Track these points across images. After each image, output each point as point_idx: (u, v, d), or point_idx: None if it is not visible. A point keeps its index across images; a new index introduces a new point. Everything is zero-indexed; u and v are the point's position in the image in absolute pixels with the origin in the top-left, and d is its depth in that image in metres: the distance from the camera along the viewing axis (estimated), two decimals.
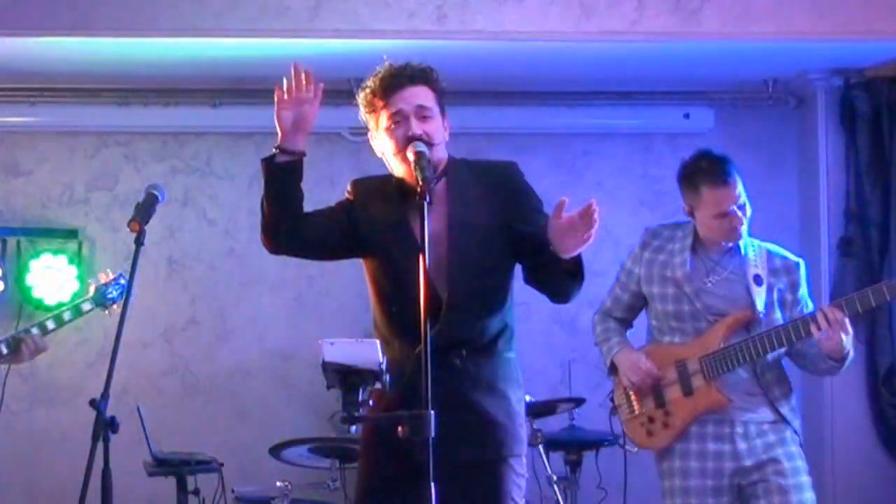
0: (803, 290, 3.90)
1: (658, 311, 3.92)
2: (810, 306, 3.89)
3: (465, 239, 3.07)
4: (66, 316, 3.94)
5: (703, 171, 3.86)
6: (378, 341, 2.84)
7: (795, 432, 3.82)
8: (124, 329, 3.06)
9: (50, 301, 5.37)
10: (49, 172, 5.66)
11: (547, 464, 4.65)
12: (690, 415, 3.82)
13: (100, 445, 2.93)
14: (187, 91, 5.56)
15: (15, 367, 4.20)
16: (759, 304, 3.79)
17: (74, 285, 5.40)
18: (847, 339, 3.67)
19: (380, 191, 3.18)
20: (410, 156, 2.98)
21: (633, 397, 3.96)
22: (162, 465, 4.60)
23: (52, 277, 5.41)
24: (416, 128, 3.05)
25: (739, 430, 3.79)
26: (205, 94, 5.58)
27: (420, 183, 2.87)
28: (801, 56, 5.31)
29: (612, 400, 4.09)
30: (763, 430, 3.79)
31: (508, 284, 3.17)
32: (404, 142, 3.04)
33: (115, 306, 3.96)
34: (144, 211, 3.18)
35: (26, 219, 5.59)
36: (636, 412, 3.96)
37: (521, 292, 3.38)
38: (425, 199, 2.84)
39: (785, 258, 3.91)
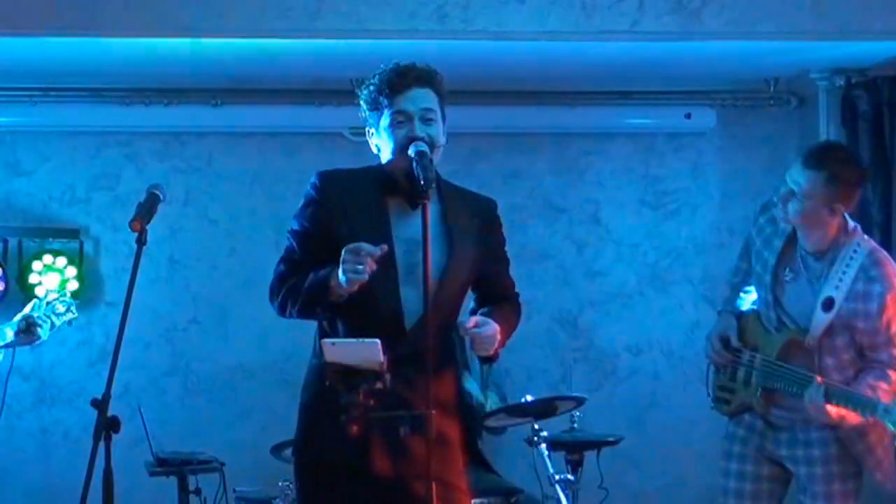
0: (878, 323, 3.57)
1: (755, 286, 3.87)
2: (884, 341, 3.61)
3: (459, 248, 3.09)
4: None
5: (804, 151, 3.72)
6: (379, 341, 2.83)
7: (836, 434, 3.69)
8: (126, 329, 3.06)
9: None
10: (50, 172, 5.66)
11: (548, 464, 4.65)
12: (740, 405, 3.83)
13: (101, 445, 2.93)
14: (189, 91, 5.57)
15: (17, 367, 4.25)
16: (814, 333, 3.62)
17: (76, 285, 5.40)
18: (827, 421, 3.57)
19: (355, 188, 3.13)
20: (412, 154, 2.98)
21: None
22: (163, 465, 4.60)
23: (53, 277, 5.41)
24: (419, 130, 3.04)
25: (785, 415, 3.74)
26: (206, 94, 5.58)
27: (421, 182, 2.87)
28: (802, 56, 5.31)
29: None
30: (808, 428, 3.72)
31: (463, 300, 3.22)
32: (406, 141, 3.03)
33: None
34: (146, 210, 3.18)
35: (27, 218, 5.59)
36: (720, 374, 3.94)
37: (523, 292, 3.39)
38: (427, 199, 2.84)
39: (870, 283, 3.59)
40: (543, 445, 4.62)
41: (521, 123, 5.76)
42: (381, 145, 3.12)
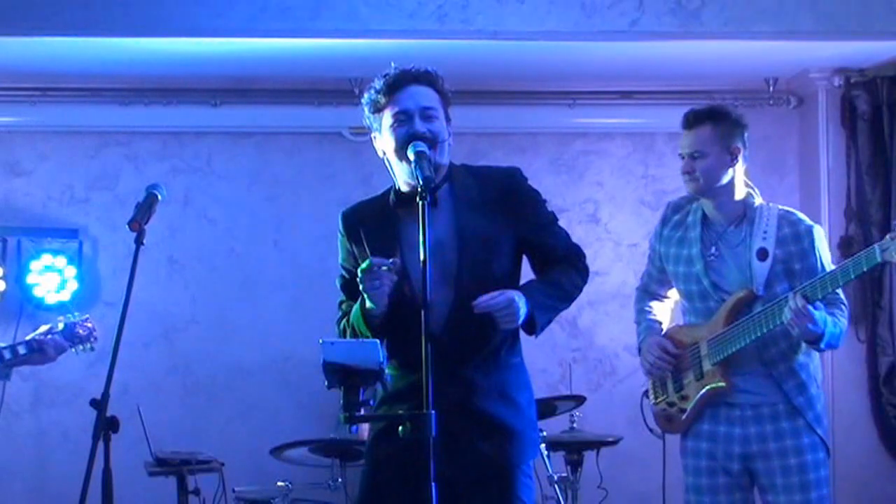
0: (816, 258, 3.75)
1: (679, 289, 3.92)
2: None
3: (475, 247, 3.05)
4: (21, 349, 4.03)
5: (686, 113, 3.90)
6: (378, 341, 2.83)
7: (804, 416, 3.74)
8: (125, 329, 3.06)
9: (50, 301, 5.38)
10: (50, 172, 5.66)
11: (548, 464, 4.65)
12: (702, 399, 3.81)
13: (100, 445, 2.93)
14: (188, 91, 5.56)
15: (15, 368, 4.23)
16: (758, 282, 3.72)
17: (74, 285, 5.40)
18: (813, 325, 3.57)
19: (372, 213, 3.16)
20: (411, 155, 2.97)
21: (657, 383, 3.96)
22: (162, 465, 4.60)
23: (52, 277, 5.41)
24: (420, 126, 3.02)
25: (750, 412, 3.76)
26: (205, 94, 5.58)
27: (421, 182, 2.86)
28: (801, 56, 5.31)
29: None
30: (777, 412, 3.74)
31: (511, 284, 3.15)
32: (406, 140, 3.01)
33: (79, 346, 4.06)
34: (145, 210, 3.18)
35: (27, 218, 5.58)
36: (659, 398, 3.96)
37: None
38: (426, 199, 2.83)
39: (795, 224, 3.79)
40: (543, 445, 4.62)
41: (521, 123, 5.76)
42: (385, 147, 3.11)
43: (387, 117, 3.08)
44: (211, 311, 5.68)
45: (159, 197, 3.25)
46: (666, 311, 4.05)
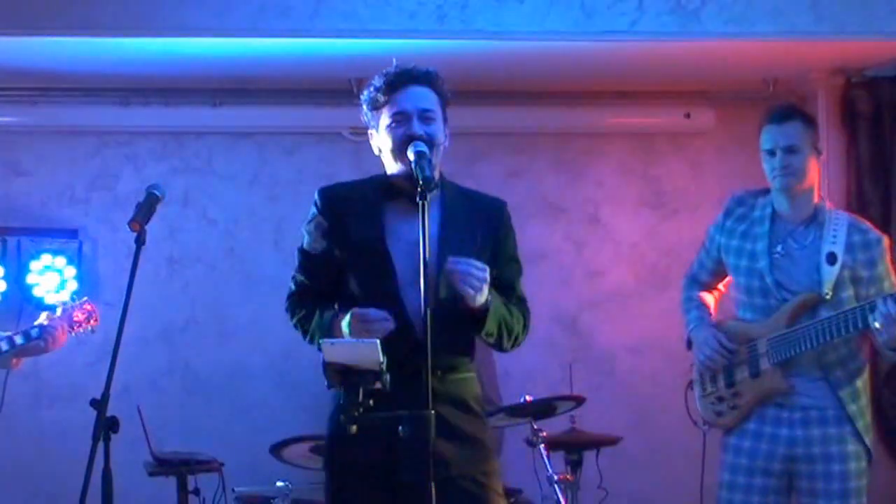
0: (881, 269, 3.77)
1: (735, 284, 3.91)
2: (889, 284, 3.78)
3: (455, 253, 3.01)
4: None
5: (768, 111, 3.86)
6: (377, 341, 2.83)
7: (854, 424, 3.75)
8: (125, 329, 3.06)
9: (50, 301, 5.37)
10: (49, 172, 5.66)
11: (548, 464, 4.65)
12: (756, 398, 3.81)
13: (100, 445, 2.93)
14: (188, 91, 5.57)
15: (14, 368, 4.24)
16: (827, 286, 3.71)
17: (74, 285, 5.40)
18: None
19: (355, 195, 3.14)
20: (410, 155, 2.97)
21: (706, 376, 3.95)
22: (162, 465, 4.60)
23: (52, 277, 5.41)
24: (418, 128, 3.02)
25: (798, 415, 3.76)
26: (205, 94, 5.58)
27: (420, 182, 2.86)
28: (801, 56, 5.31)
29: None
30: (826, 417, 3.75)
31: None
32: (404, 140, 3.01)
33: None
34: (145, 211, 3.18)
35: (26, 219, 5.58)
36: (708, 391, 3.95)
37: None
38: (425, 199, 2.83)
39: (865, 233, 3.79)
40: (543, 445, 4.62)
41: (521, 123, 5.76)
42: (382, 146, 3.11)
43: (385, 116, 3.08)
44: (211, 311, 5.68)
45: (159, 197, 3.25)
46: (713, 302, 4.04)
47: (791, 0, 4.87)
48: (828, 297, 3.71)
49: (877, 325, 3.57)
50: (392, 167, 3.09)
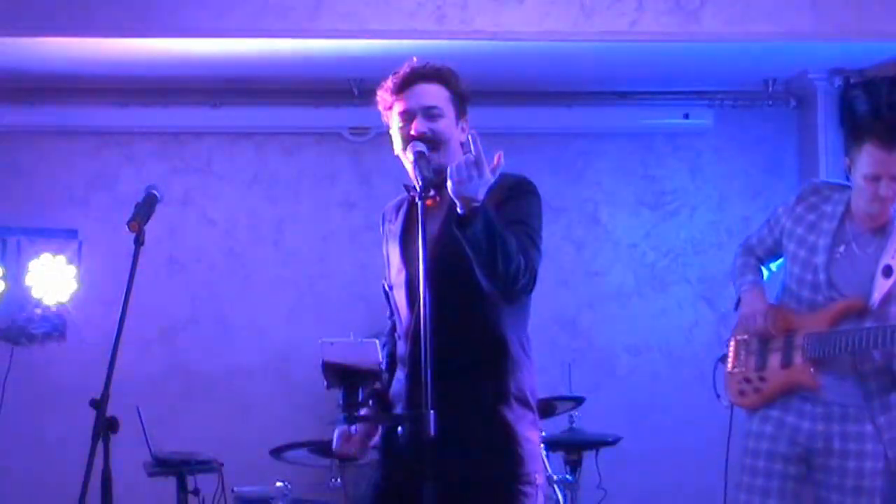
0: None
1: (788, 270, 3.88)
2: None
3: (454, 257, 2.92)
4: None
5: (875, 131, 3.71)
6: (377, 341, 2.83)
7: (880, 431, 3.72)
8: (124, 329, 3.06)
9: (49, 301, 5.37)
10: (49, 172, 5.66)
11: (547, 464, 4.65)
12: (782, 387, 3.81)
13: (100, 445, 2.92)
14: (187, 91, 5.57)
15: (15, 367, 4.24)
16: (875, 297, 3.68)
17: (74, 285, 5.40)
18: None
19: (393, 210, 3.20)
20: (410, 155, 2.98)
21: (740, 352, 3.93)
22: (162, 465, 4.59)
23: (52, 277, 5.40)
24: (421, 126, 3.01)
25: (820, 409, 3.76)
26: (205, 94, 5.58)
27: (419, 183, 2.86)
28: (800, 56, 5.31)
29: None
30: (847, 414, 3.74)
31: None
32: (408, 140, 3.02)
33: None
34: (144, 211, 3.17)
35: (26, 219, 5.58)
36: (737, 368, 3.94)
37: None
38: (424, 200, 2.83)
39: None
40: (542, 445, 4.61)
41: (520, 123, 5.76)
42: (395, 146, 3.12)
43: (394, 117, 3.08)
44: (211, 311, 5.68)
45: (159, 197, 3.25)
46: (764, 274, 4.01)
47: (791, 0, 4.87)
48: (874, 307, 3.68)
49: None
50: (407, 167, 3.09)
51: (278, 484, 4.54)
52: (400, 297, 3.06)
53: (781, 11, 4.87)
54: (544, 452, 4.64)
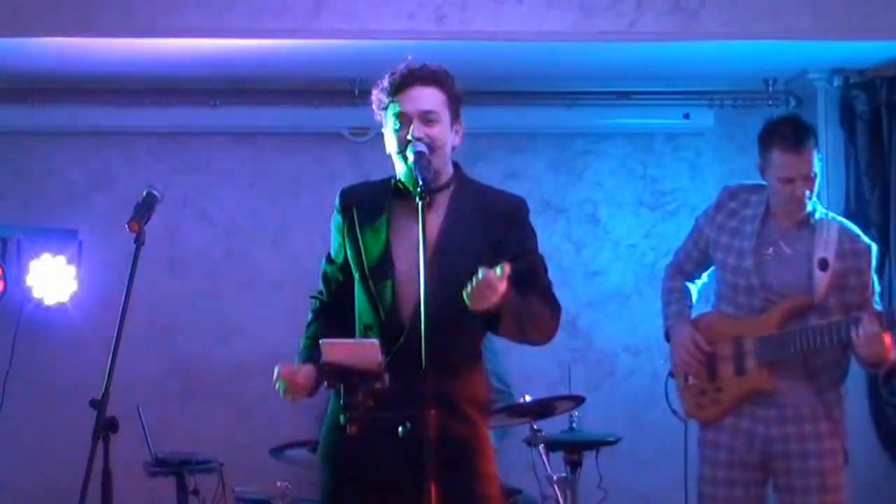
0: (868, 277, 3.79)
1: (719, 278, 3.91)
2: (873, 292, 3.82)
3: (452, 259, 3.02)
4: None
5: (780, 134, 3.76)
6: (377, 341, 2.84)
7: (837, 425, 3.77)
8: (124, 329, 3.06)
9: (49, 301, 5.38)
10: (49, 173, 5.65)
11: (547, 464, 4.65)
12: (739, 394, 3.82)
13: (100, 445, 2.93)
14: (187, 91, 5.56)
15: (15, 367, 4.23)
16: (820, 292, 3.72)
17: (74, 285, 5.40)
18: (884, 350, 3.59)
19: (369, 196, 3.17)
20: (410, 156, 2.99)
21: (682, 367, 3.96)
22: (162, 465, 4.60)
23: (52, 277, 5.41)
24: (419, 131, 3.03)
25: (775, 412, 3.78)
26: (204, 95, 5.58)
27: (419, 183, 2.87)
28: (800, 56, 5.31)
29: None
30: (801, 415, 3.77)
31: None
32: (404, 143, 3.04)
33: None
34: (144, 211, 3.18)
35: (26, 219, 5.58)
36: (690, 382, 3.95)
37: None
38: (424, 199, 2.84)
39: (855, 241, 3.81)
40: (542, 445, 4.62)
41: (520, 123, 5.76)
42: (388, 147, 3.13)
43: (389, 118, 3.10)
44: (211, 311, 5.68)
45: (159, 197, 3.25)
46: (694, 293, 4.05)
47: (790, 0, 4.87)
48: (819, 302, 3.71)
49: (858, 339, 3.58)
50: (398, 168, 3.11)
51: (279, 484, 4.55)
52: (382, 290, 3.05)
53: (781, 11, 4.87)
54: (544, 452, 4.64)
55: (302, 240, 5.70)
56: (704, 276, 4.06)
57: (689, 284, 4.05)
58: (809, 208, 3.78)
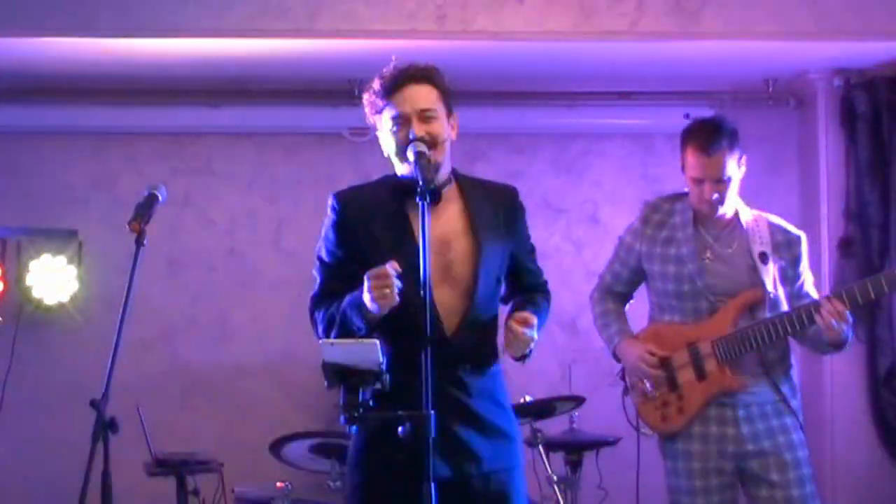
0: (803, 265, 3.89)
1: (658, 289, 3.93)
2: (810, 280, 3.90)
3: (487, 247, 3.09)
4: None
5: (695, 135, 3.84)
6: (377, 341, 2.83)
7: (797, 416, 3.82)
8: (124, 329, 3.06)
9: (49, 301, 5.38)
10: (49, 173, 5.65)
11: (547, 464, 4.65)
12: (704, 399, 3.83)
13: (100, 446, 2.92)
14: (187, 91, 5.56)
15: (15, 367, 4.22)
16: (769, 284, 3.78)
17: (74, 286, 5.40)
18: (847, 328, 3.67)
19: (371, 199, 3.14)
20: (410, 156, 2.98)
21: (644, 381, 3.97)
22: (162, 465, 4.60)
23: (52, 277, 5.40)
24: (418, 129, 3.03)
25: (741, 412, 3.81)
26: (205, 95, 5.58)
27: (420, 182, 2.87)
28: (801, 56, 5.31)
29: (622, 379, 4.09)
30: (766, 412, 3.81)
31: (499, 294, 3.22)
32: (404, 143, 3.04)
33: None
34: (144, 211, 3.18)
35: (26, 219, 5.58)
36: (648, 396, 3.95)
37: None
38: (425, 199, 2.84)
39: (787, 233, 3.90)
40: (542, 446, 4.62)
41: (520, 123, 5.76)
42: (386, 149, 3.13)
43: (386, 120, 3.09)
44: (211, 312, 5.68)
45: (159, 198, 3.25)
46: (627, 312, 4.10)
47: (791, 0, 4.87)
48: (771, 294, 3.77)
49: (824, 321, 3.63)
50: (399, 168, 3.11)
51: (279, 484, 4.54)
52: (408, 290, 3.03)
53: (781, 11, 4.87)
54: (544, 452, 4.65)
55: (302, 240, 5.69)
56: (634, 294, 4.09)
57: (621, 306, 4.09)
58: (727, 210, 3.83)
